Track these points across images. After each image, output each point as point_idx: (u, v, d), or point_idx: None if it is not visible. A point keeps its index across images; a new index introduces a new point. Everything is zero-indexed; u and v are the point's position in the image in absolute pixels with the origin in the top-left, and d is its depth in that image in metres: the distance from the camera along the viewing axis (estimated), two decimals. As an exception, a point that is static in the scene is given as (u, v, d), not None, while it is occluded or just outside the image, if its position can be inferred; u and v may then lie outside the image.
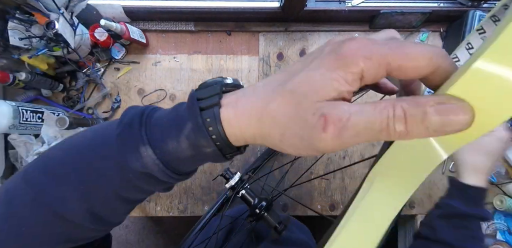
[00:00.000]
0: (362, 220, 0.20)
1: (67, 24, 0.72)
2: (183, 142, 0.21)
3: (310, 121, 0.17)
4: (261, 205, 0.52)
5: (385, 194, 0.19)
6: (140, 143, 0.21)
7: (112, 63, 0.87)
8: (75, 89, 0.86)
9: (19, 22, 0.71)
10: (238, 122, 0.20)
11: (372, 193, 0.20)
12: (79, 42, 0.77)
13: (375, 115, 0.16)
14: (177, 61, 0.88)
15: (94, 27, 0.80)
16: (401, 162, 0.19)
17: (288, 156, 0.86)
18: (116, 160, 0.22)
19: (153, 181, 0.23)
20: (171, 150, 0.22)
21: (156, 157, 0.21)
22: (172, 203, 0.86)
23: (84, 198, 0.23)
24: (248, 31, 0.88)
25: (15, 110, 0.69)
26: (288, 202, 0.87)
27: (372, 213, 0.19)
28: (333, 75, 0.17)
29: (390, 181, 0.20)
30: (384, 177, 0.20)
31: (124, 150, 0.22)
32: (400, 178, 0.19)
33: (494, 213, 0.86)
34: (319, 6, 0.81)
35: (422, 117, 0.15)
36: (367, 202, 0.20)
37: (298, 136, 0.18)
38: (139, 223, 1.62)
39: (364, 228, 0.19)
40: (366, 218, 0.20)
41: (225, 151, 0.22)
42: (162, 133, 0.22)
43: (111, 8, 0.79)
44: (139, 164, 0.22)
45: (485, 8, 0.81)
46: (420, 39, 0.88)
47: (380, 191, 0.20)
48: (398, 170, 0.19)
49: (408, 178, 0.19)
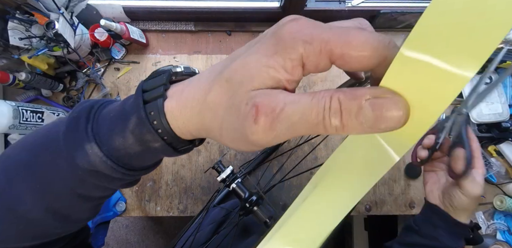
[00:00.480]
0: (298, 226, 0.18)
1: (67, 24, 0.72)
2: (129, 138, 0.20)
3: (243, 111, 0.16)
4: (252, 199, 0.51)
5: (327, 199, 0.18)
6: (86, 140, 0.20)
7: (112, 63, 0.87)
8: (75, 89, 0.86)
9: (19, 22, 0.71)
10: (181, 114, 0.19)
11: (313, 197, 0.18)
12: (79, 42, 0.77)
13: (312, 105, 0.14)
14: (177, 61, 0.88)
15: (94, 27, 0.80)
16: (349, 165, 0.18)
17: (286, 154, 0.86)
18: (65, 158, 0.21)
19: (106, 179, 0.22)
20: (119, 146, 0.20)
21: (103, 154, 0.20)
22: (172, 203, 0.86)
23: (40, 196, 0.22)
24: (248, 31, 0.88)
25: (15, 110, 0.69)
26: (288, 202, 0.87)
27: (311, 218, 0.18)
28: (270, 61, 0.15)
29: (336, 185, 0.18)
30: (330, 179, 0.18)
31: (70, 148, 0.21)
32: (347, 182, 0.18)
33: (494, 213, 0.86)
34: (319, 6, 0.81)
35: (356, 112, 0.14)
36: (307, 205, 0.18)
37: (234, 129, 0.17)
38: (139, 223, 1.62)
39: (299, 234, 0.18)
40: (303, 224, 0.18)
41: (175, 145, 0.21)
42: (108, 129, 0.20)
43: (111, 8, 0.79)
44: (85, 162, 0.20)
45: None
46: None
47: (322, 195, 0.18)
48: (346, 172, 0.18)
49: (356, 182, 0.17)
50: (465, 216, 0.47)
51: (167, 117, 0.19)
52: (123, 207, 0.84)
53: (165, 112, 0.19)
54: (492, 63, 0.40)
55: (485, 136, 0.85)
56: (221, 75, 0.17)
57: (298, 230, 0.18)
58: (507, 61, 0.77)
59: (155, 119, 0.19)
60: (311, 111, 0.14)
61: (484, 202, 0.87)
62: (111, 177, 0.22)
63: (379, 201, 0.87)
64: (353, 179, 0.17)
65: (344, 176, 0.18)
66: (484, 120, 0.82)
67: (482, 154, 0.83)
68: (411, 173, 0.86)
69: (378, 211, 0.87)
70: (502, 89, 0.83)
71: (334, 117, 0.14)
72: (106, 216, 0.82)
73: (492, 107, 0.82)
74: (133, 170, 0.22)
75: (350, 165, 0.18)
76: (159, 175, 0.86)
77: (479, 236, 0.51)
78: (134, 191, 0.86)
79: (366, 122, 0.14)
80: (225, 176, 0.56)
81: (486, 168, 0.84)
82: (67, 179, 0.22)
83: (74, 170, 0.21)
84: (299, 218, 0.18)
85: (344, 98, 0.14)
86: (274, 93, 0.15)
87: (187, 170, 0.87)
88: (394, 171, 0.87)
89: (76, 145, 0.20)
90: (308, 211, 0.18)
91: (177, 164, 0.87)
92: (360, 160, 0.17)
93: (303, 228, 0.18)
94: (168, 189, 0.86)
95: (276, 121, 0.15)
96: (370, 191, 0.87)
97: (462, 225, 0.47)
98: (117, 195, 0.84)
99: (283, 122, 0.15)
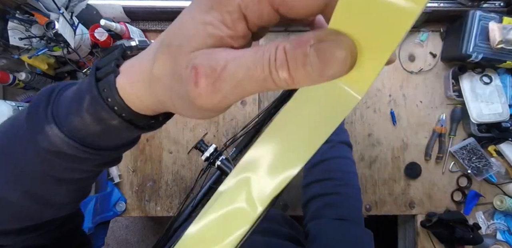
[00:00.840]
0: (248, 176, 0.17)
1: (67, 24, 0.72)
2: (86, 117, 0.19)
3: (184, 76, 0.15)
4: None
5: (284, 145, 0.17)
6: (45, 122, 0.20)
7: (112, 63, 0.87)
8: (75, 89, 0.86)
9: (19, 22, 0.71)
10: (132, 89, 0.18)
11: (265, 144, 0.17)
12: (79, 42, 0.77)
13: (256, 59, 0.13)
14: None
15: (94, 27, 0.80)
16: (308, 111, 0.16)
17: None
18: (30, 141, 0.21)
19: (74, 159, 0.22)
20: (78, 126, 0.20)
21: (64, 135, 0.20)
22: (172, 203, 0.86)
23: (15, 180, 0.23)
24: (248, 31, 0.88)
25: (15, 110, 0.69)
26: (288, 202, 0.87)
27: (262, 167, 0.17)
28: (207, 17, 0.14)
29: (291, 132, 0.17)
30: (286, 126, 0.17)
31: (32, 131, 0.21)
32: (303, 130, 0.16)
33: (494, 213, 0.86)
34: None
35: (302, 60, 0.12)
36: (254, 154, 0.17)
37: (182, 97, 0.16)
38: (139, 223, 1.62)
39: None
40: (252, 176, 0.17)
41: (137, 122, 0.20)
42: (66, 110, 0.20)
43: (111, 8, 0.79)
44: (48, 144, 0.20)
45: (485, 8, 0.81)
46: (420, 39, 0.88)
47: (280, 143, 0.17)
48: (303, 120, 0.16)
49: (317, 125, 0.16)
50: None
51: (120, 93, 0.18)
52: (123, 207, 0.84)
53: (117, 88, 0.18)
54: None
55: (485, 136, 0.85)
56: (162, 42, 0.16)
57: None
58: (507, 61, 0.77)
59: (108, 96, 0.19)
60: (256, 65, 0.13)
61: (484, 202, 0.87)
62: (78, 157, 0.22)
63: (379, 201, 0.87)
64: (313, 122, 0.16)
65: (299, 124, 0.17)
66: (484, 120, 0.82)
67: (482, 154, 0.83)
68: (411, 173, 0.86)
69: (378, 211, 0.87)
70: (502, 89, 0.83)
71: (281, 70, 0.13)
72: (106, 216, 0.82)
73: (492, 107, 0.82)
74: (101, 149, 0.22)
75: (308, 111, 0.16)
76: (159, 175, 0.86)
77: (479, 236, 0.51)
78: (134, 191, 0.86)
79: (314, 71, 0.13)
80: (208, 154, 0.54)
81: (486, 168, 0.84)
82: (37, 163, 0.22)
83: (40, 153, 0.21)
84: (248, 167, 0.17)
85: (290, 47, 0.13)
86: (216, 52, 0.14)
87: (187, 170, 0.87)
88: (394, 171, 0.87)
89: (37, 128, 0.21)
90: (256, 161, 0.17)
91: (177, 164, 0.87)
92: (318, 106, 0.16)
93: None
94: (168, 189, 0.86)
95: (218, 81, 0.14)
96: (370, 191, 0.87)
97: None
98: (117, 195, 0.84)
99: (228, 81, 0.14)
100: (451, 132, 0.87)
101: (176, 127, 0.87)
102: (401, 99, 0.89)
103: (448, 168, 0.87)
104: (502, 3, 0.82)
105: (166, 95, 0.17)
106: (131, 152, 0.86)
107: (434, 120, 0.88)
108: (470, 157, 0.85)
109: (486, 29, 0.76)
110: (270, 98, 0.89)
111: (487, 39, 0.76)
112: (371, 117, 0.89)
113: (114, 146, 0.23)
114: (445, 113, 0.88)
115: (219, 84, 0.14)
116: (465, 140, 0.86)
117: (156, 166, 0.86)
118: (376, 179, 0.87)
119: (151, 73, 0.17)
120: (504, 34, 0.72)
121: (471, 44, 0.76)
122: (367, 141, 0.88)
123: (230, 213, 0.18)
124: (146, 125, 0.21)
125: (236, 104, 0.88)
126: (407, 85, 0.89)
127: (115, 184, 0.84)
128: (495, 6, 0.82)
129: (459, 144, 0.86)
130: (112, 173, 0.84)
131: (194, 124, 0.87)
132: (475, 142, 0.84)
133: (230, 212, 0.18)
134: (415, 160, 0.87)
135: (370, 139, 0.88)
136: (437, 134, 0.87)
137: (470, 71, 0.83)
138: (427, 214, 0.85)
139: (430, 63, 0.89)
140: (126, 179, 0.86)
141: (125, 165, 0.86)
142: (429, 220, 0.82)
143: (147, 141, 0.87)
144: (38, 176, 0.23)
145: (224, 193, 0.18)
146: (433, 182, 0.87)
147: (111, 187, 0.84)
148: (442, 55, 0.88)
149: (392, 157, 0.88)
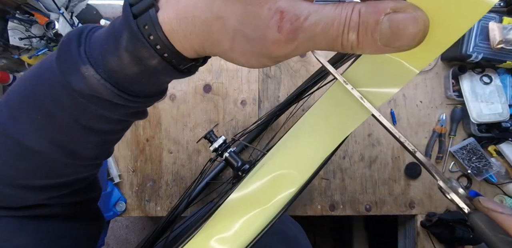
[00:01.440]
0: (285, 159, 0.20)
1: (67, 24, 0.72)
2: (124, 56, 0.18)
3: (265, 17, 0.14)
4: (244, 168, 0.50)
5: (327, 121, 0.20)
6: (80, 62, 0.19)
7: (112, 63, 0.87)
8: (75, 89, 0.86)
9: (19, 22, 0.71)
10: (180, 26, 0.17)
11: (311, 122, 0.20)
12: (79, 42, 0.77)
13: (335, 15, 0.13)
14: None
15: (94, 27, 0.80)
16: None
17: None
18: (61, 85, 0.20)
19: (108, 105, 0.21)
20: (115, 67, 0.19)
21: (100, 77, 0.19)
22: (172, 203, 0.86)
23: (43, 128, 0.22)
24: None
25: (15, 110, 0.69)
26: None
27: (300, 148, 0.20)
28: None
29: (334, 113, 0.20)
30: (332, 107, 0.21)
31: (65, 73, 0.19)
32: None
33: (494, 213, 0.86)
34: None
35: (373, 27, 0.13)
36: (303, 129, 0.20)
37: (249, 40, 0.15)
38: (139, 223, 1.62)
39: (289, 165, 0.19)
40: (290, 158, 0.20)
41: (176, 64, 0.19)
42: (101, 50, 0.19)
43: (111, 8, 0.79)
44: (84, 86, 0.19)
45: (485, 8, 0.81)
46: (420, 39, 0.88)
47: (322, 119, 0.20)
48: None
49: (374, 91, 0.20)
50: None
51: (163, 30, 0.17)
52: (123, 207, 0.84)
53: (161, 24, 0.17)
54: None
55: (485, 136, 0.85)
56: None
57: (286, 163, 0.20)
58: (507, 61, 0.77)
59: (150, 33, 0.17)
60: (333, 21, 0.13)
61: (484, 202, 0.87)
62: (113, 103, 0.21)
63: (379, 201, 0.87)
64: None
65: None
66: (484, 120, 0.82)
67: (482, 154, 0.83)
68: (411, 173, 0.86)
69: (378, 211, 0.87)
70: (502, 89, 0.83)
71: (352, 31, 0.13)
72: (106, 216, 0.82)
73: (492, 107, 0.82)
74: (135, 96, 0.21)
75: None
76: (159, 175, 0.86)
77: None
78: (134, 191, 0.86)
79: (381, 39, 0.13)
80: (217, 145, 0.54)
81: (486, 168, 0.84)
82: (67, 108, 0.21)
83: (73, 97, 0.20)
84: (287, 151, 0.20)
85: (365, 10, 0.13)
86: (298, 0, 0.14)
87: (187, 170, 0.87)
88: (394, 171, 0.87)
89: (70, 69, 0.19)
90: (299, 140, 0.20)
91: (177, 164, 0.87)
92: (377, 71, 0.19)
93: (290, 162, 0.20)
94: (168, 189, 0.86)
95: (299, 30, 0.14)
96: (370, 191, 0.87)
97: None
98: (117, 195, 0.84)
99: (306, 32, 0.14)
100: (451, 132, 0.87)
101: (176, 127, 0.87)
102: (401, 99, 0.89)
103: (448, 168, 0.87)
104: (502, 3, 0.82)
105: (227, 37, 0.16)
106: (131, 152, 0.86)
107: (434, 120, 0.88)
108: (470, 157, 0.85)
109: (486, 29, 0.76)
110: (270, 98, 0.89)
111: (487, 39, 0.76)
112: (371, 117, 0.88)
113: (148, 94, 0.22)
114: (445, 113, 0.88)
115: (298, 33, 0.14)
116: (465, 140, 0.86)
117: (156, 166, 0.86)
118: (376, 179, 0.88)
119: (210, 10, 0.16)
120: (504, 34, 0.72)
121: (471, 44, 0.76)
122: (367, 141, 0.88)
123: (278, 177, 0.20)
124: (186, 69, 0.20)
125: (236, 104, 0.88)
126: (407, 85, 0.89)
127: (115, 184, 0.84)
128: (495, 6, 0.82)
129: (459, 144, 0.86)
130: (112, 173, 0.84)
131: (194, 124, 0.87)
132: (475, 142, 0.84)
133: (277, 177, 0.20)
134: (415, 160, 0.87)
135: (370, 139, 0.88)
136: (437, 134, 0.87)
137: (470, 71, 0.83)
138: (427, 214, 0.85)
139: (430, 63, 0.89)
140: (126, 179, 0.86)
141: (125, 165, 0.86)
142: (429, 220, 0.82)
143: (147, 141, 0.87)
144: (66, 124, 0.22)
145: (270, 162, 0.20)
146: (433, 182, 0.87)
147: (111, 187, 0.84)
148: (442, 55, 0.88)
149: (392, 157, 0.88)
